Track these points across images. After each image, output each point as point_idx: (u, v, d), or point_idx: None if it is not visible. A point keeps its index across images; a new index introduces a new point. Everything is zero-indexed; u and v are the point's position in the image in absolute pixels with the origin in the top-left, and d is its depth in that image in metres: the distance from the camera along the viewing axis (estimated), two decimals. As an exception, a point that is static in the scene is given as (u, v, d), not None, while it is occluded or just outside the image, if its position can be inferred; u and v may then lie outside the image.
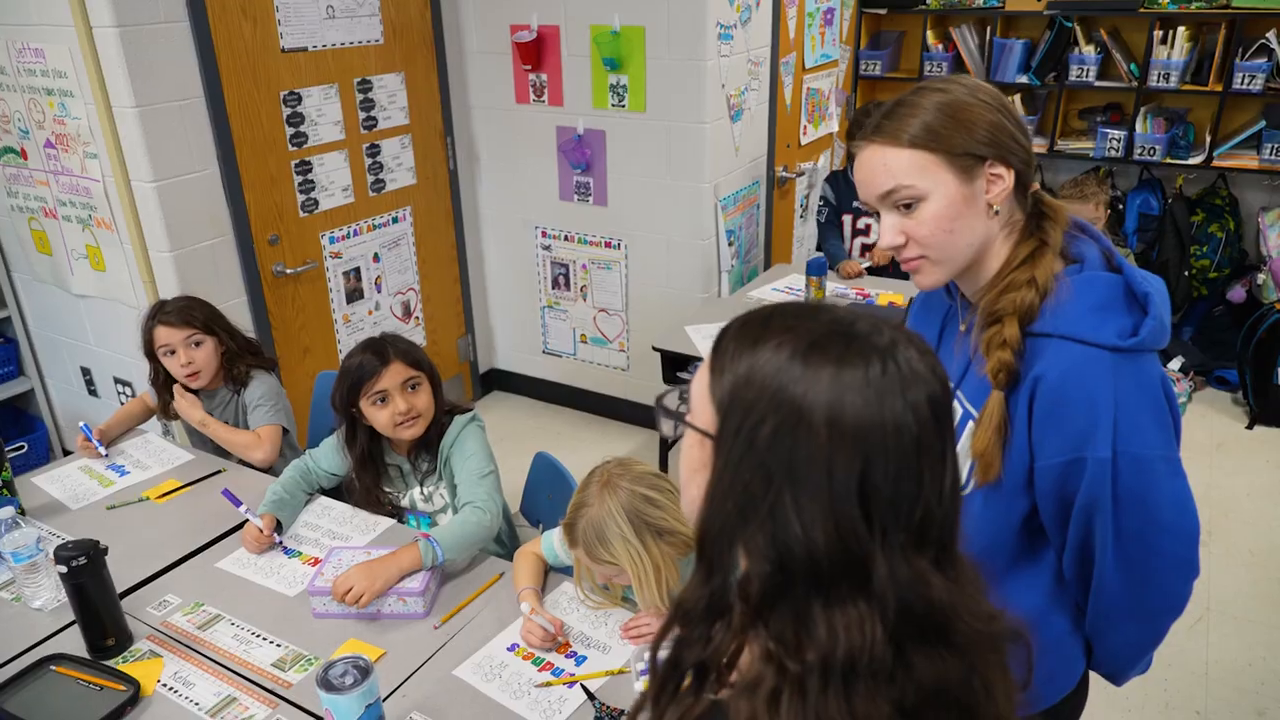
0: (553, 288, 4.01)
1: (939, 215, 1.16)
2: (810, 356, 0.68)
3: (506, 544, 2.17)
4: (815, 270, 3.18)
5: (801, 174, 4.24)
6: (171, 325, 2.33)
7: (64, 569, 1.60)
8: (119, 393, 3.27)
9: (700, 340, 3.00)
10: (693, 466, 0.77)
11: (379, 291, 3.62)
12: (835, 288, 3.38)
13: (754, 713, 0.65)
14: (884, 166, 1.17)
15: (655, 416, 0.84)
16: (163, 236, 2.81)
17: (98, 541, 1.65)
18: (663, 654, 0.74)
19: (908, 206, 1.17)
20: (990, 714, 0.67)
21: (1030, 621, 0.73)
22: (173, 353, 2.35)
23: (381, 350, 2.01)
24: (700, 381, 0.76)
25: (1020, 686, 0.70)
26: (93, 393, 3.40)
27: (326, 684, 1.29)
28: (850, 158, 3.82)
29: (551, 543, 1.85)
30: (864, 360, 0.67)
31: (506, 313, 4.22)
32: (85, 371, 3.38)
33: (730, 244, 3.68)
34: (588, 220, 3.77)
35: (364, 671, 1.32)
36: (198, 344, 2.36)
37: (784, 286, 3.50)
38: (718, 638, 0.70)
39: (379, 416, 1.99)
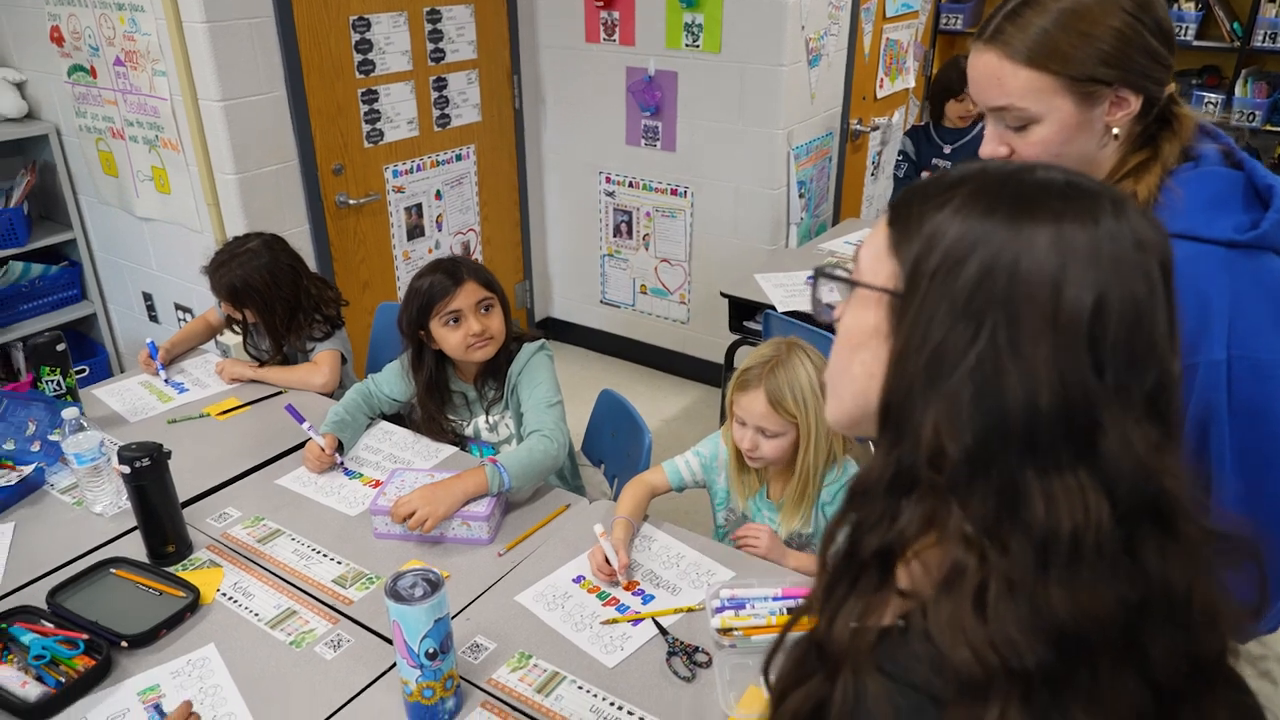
0: (614, 235, 3.91)
1: (1049, 139, 1.07)
2: (1022, 203, 0.59)
3: (569, 480, 2.11)
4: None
5: (876, 129, 4.08)
6: (228, 304, 2.31)
7: (127, 470, 1.56)
8: (179, 318, 3.25)
9: (771, 288, 2.90)
10: (856, 341, 0.66)
11: (439, 230, 3.56)
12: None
13: (957, 614, 0.55)
14: (998, 82, 1.07)
15: (811, 295, 0.74)
16: (228, 159, 2.77)
17: (161, 445, 1.60)
18: (835, 548, 0.64)
19: (1019, 126, 1.08)
20: (1213, 638, 0.57)
21: None
22: (240, 320, 2.33)
23: (454, 270, 1.94)
24: (876, 241, 0.66)
25: (1252, 613, 0.60)
26: (153, 318, 3.39)
27: (395, 595, 1.23)
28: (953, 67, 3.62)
29: (676, 464, 1.83)
30: (1090, 204, 0.58)
31: (565, 260, 4.14)
32: (147, 297, 3.38)
33: (801, 195, 3.55)
34: (654, 166, 3.66)
35: (433, 585, 1.25)
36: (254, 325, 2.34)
37: (856, 241, 3.37)
38: (904, 518, 0.59)
39: (450, 338, 1.93)
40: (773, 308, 2.75)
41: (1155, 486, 0.55)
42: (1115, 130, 1.08)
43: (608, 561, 1.58)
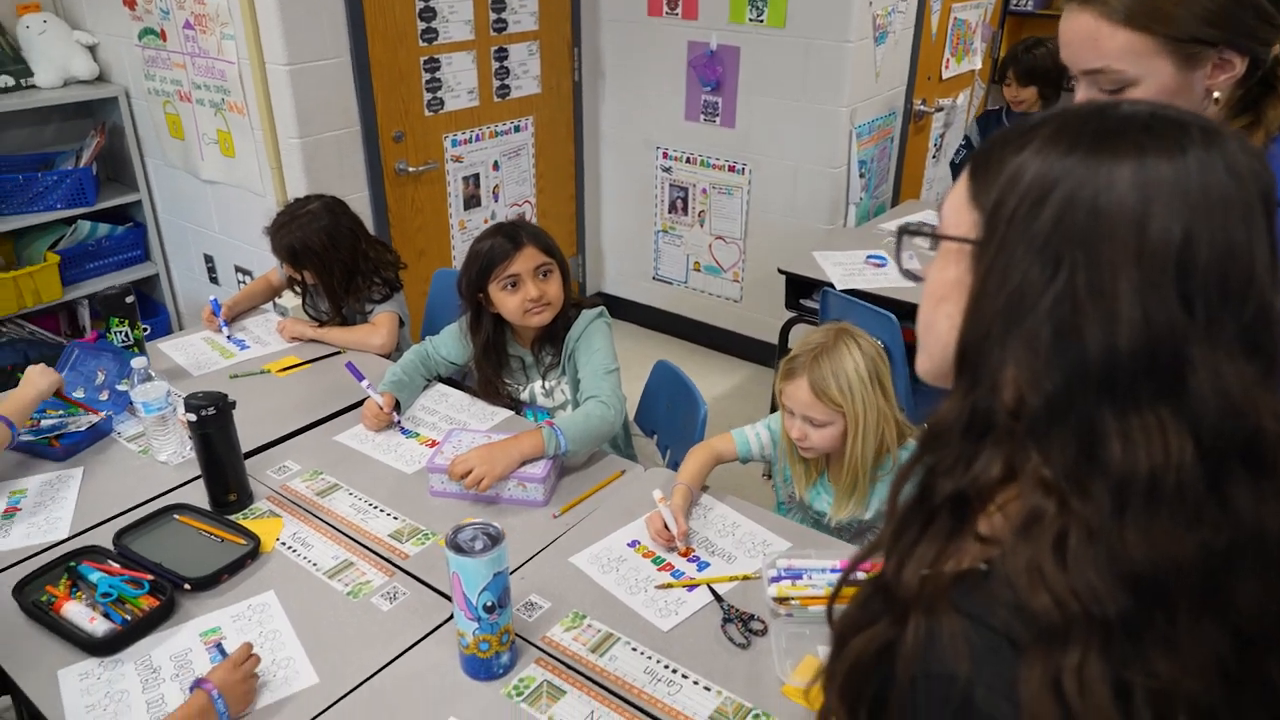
0: (669, 211, 3.89)
1: None
2: (1103, 138, 0.57)
3: (622, 449, 2.10)
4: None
5: (940, 110, 4.00)
6: (288, 264, 2.34)
7: (193, 418, 1.58)
8: (239, 281, 3.30)
9: (830, 266, 2.85)
10: (941, 294, 0.65)
11: (495, 201, 3.56)
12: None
13: (1036, 559, 0.54)
14: (1094, 44, 1.03)
15: (895, 253, 0.73)
16: (292, 122, 2.79)
17: (226, 394, 1.63)
18: (905, 494, 0.63)
19: (1114, 90, 1.03)
20: None
21: None
22: (300, 281, 2.36)
23: (514, 234, 1.93)
24: (957, 193, 0.65)
25: None
26: (213, 280, 3.45)
27: (456, 547, 1.23)
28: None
29: (746, 435, 1.81)
30: (1176, 135, 0.55)
31: (619, 235, 4.12)
32: (208, 259, 3.43)
33: (861, 176, 3.49)
34: (712, 142, 3.63)
35: (494, 539, 1.25)
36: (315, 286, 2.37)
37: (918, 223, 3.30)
38: (980, 463, 0.58)
39: (508, 302, 1.92)
40: (831, 285, 2.71)
41: (1250, 425, 0.52)
42: (1216, 94, 1.03)
43: (666, 527, 1.56)
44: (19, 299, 3.21)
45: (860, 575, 0.68)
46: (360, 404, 2.01)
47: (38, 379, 1.83)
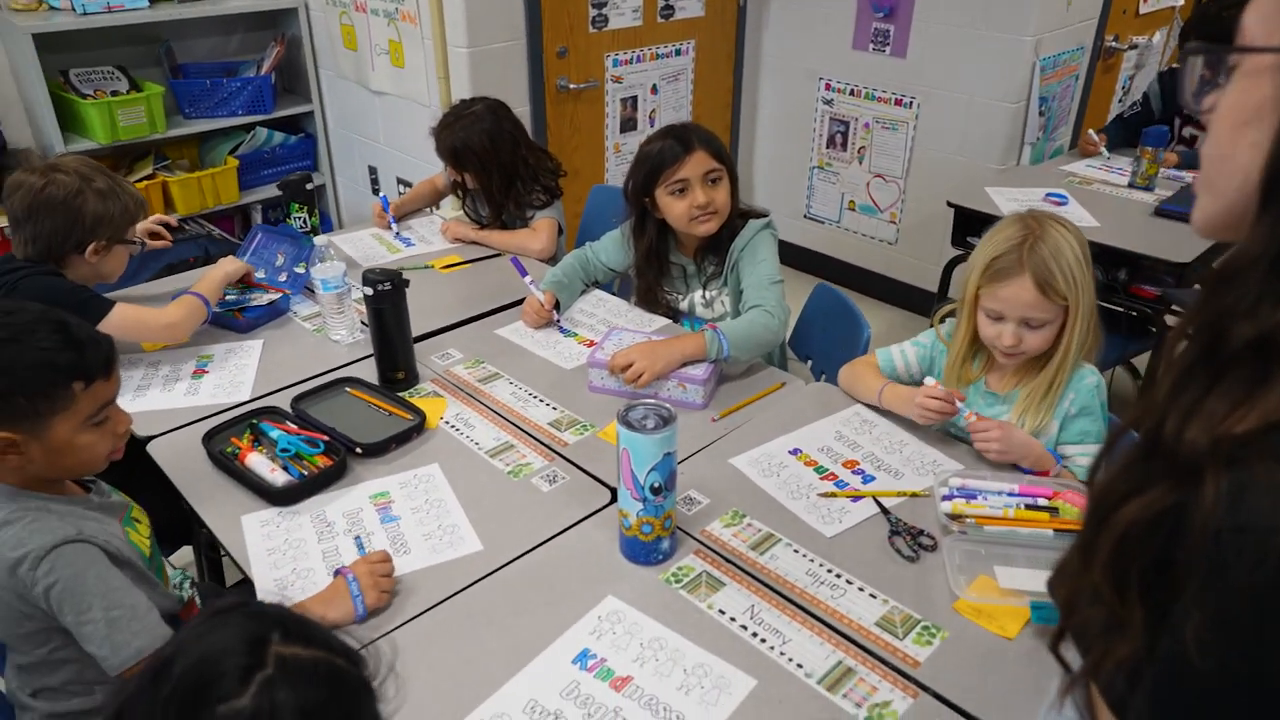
0: (826, 146, 3.75)
1: None
2: None
3: (778, 363, 2.04)
4: (1153, 141, 2.74)
5: (1133, 48, 3.68)
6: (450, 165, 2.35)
7: (369, 291, 1.62)
8: (399, 192, 3.39)
9: (1005, 202, 2.68)
10: (1242, 119, 0.56)
11: (651, 125, 3.51)
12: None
13: None
14: None
15: (1183, 76, 0.64)
16: (462, 31, 2.82)
17: (400, 272, 1.66)
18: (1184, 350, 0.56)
19: None
20: None
21: None
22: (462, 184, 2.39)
23: (685, 137, 1.88)
24: (1265, 2, 0.56)
25: None
26: (375, 191, 3.55)
27: (628, 424, 1.22)
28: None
29: (891, 353, 1.72)
30: None
31: (771, 170, 4.02)
32: (372, 170, 3.54)
33: (1041, 114, 3.26)
34: (879, 72, 3.46)
35: (665, 420, 1.23)
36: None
37: (1099, 165, 3.07)
38: None
39: (675, 207, 1.88)
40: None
41: None
42: None
43: (944, 398, 1.51)
44: (202, 199, 3.40)
45: (1042, 501, 0.61)
46: (519, 303, 2.02)
47: (226, 264, 1.96)
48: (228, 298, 1.97)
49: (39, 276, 1.66)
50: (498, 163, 2.29)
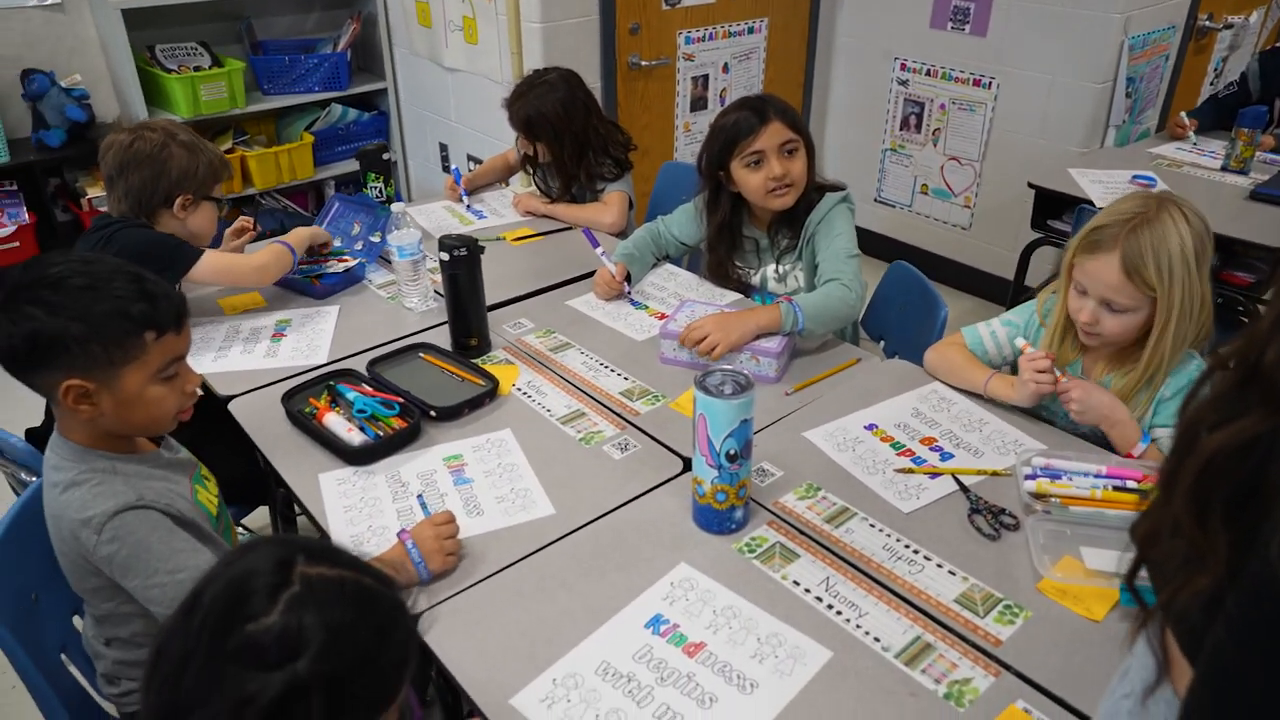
0: (900, 128, 3.67)
1: None
2: None
3: (851, 342, 2.00)
4: (1250, 121, 2.62)
5: (1229, 27, 3.53)
6: (522, 135, 2.35)
7: (446, 256, 1.63)
8: (470, 168, 3.41)
9: (1089, 184, 2.60)
10: None
11: (721, 104, 3.48)
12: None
13: None
14: None
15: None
16: (536, 6, 2.82)
17: (476, 239, 1.66)
18: None
19: None
20: None
21: None
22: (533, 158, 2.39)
23: (761, 108, 1.85)
24: None
25: None
26: (445, 168, 3.59)
27: (705, 389, 1.20)
28: None
29: (979, 332, 1.65)
30: None
31: (842, 152, 3.95)
32: (443, 147, 3.57)
33: (1128, 95, 3.15)
34: (957, 52, 3.37)
35: (743, 387, 1.21)
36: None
37: (1189, 147, 2.95)
38: None
39: (750, 180, 1.85)
40: (1089, 203, 2.47)
41: None
42: None
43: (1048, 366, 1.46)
44: (278, 174, 3.47)
45: (1132, 484, 0.59)
46: (590, 274, 2.02)
47: (308, 229, 2.01)
48: (303, 266, 2.00)
49: (131, 229, 1.72)
50: (570, 131, 2.28)
